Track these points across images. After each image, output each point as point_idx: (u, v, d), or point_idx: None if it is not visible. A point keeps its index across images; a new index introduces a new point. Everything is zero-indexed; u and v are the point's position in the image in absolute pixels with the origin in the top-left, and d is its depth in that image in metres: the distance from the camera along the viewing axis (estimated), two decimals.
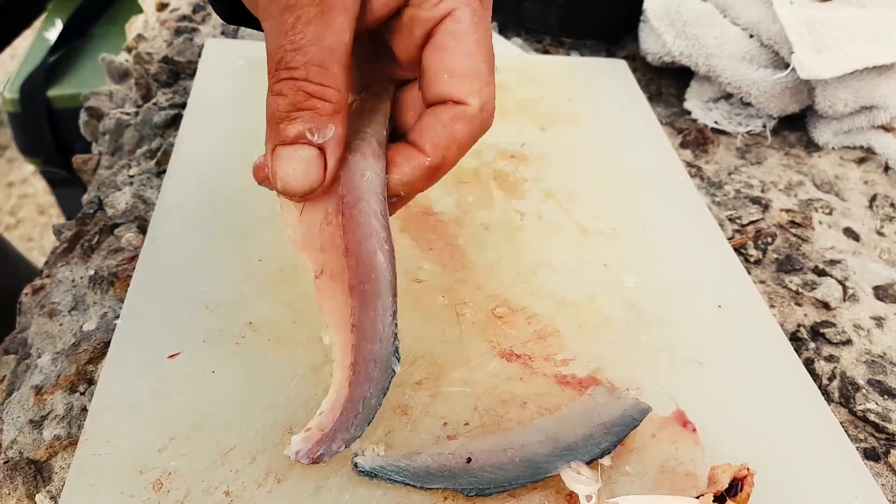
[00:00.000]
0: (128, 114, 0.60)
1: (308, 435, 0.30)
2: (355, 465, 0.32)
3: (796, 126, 0.64)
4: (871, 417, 0.41)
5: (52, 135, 1.36)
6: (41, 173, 1.46)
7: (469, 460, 0.32)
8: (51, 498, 0.35)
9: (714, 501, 0.31)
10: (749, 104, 0.62)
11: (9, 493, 0.35)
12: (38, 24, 1.42)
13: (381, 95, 0.33)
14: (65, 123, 1.34)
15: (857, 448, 0.38)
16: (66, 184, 1.42)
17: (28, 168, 2.09)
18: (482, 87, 0.30)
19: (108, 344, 0.41)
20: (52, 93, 1.30)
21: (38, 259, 1.86)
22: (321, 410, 0.30)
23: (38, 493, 0.35)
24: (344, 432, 0.30)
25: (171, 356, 0.36)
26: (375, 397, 0.30)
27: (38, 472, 0.36)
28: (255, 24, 0.33)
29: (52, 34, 1.38)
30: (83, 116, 0.62)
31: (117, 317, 0.43)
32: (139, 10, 0.79)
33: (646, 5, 0.65)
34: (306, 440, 0.30)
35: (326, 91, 0.28)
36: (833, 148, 0.62)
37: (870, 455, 0.39)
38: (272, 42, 0.28)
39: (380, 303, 0.29)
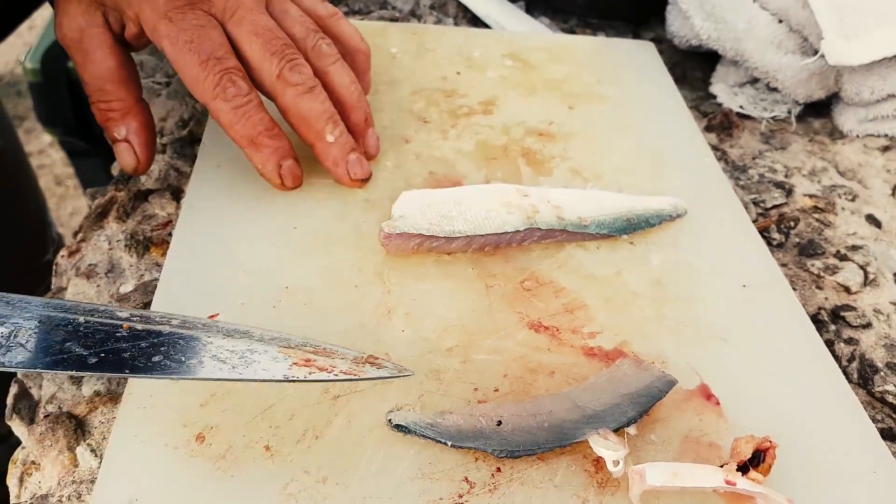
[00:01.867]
0: (159, 83, 0.61)
1: None
2: (389, 420, 0.33)
3: (821, 113, 0.65)
4: (889, 399, 0.42)
5: (72, 106, 1.36)
6: (60, 144, 1.47)
7: (500, 423, 0.33)
8: (91, 451, 0.36)
9: (737, 471, 0.31)
10: (775, 89, 0.63)
11: (51, 445, 0.37)
12: None
13: None
14: (84, 94, 1.35)
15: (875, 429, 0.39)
16: (85, 155, 1.43)
17: (45, 139, 2.10)
18: (204, 82, 0.40)
19: (146, 305, 0.42)
20: (73, 64, 1.30)
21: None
22: None
23: (78, 445, 0.37)
24: None
25: (210, 317, 0.37)
26: None
27: (78, 425, 0.37)
28: None
29: None
30: None
31: (154, 280, 0.44)
32: None
33: None
34: None
35: (112, 104, 0.41)
36: (857, 136, 0.62)
37: (886, 435, 0.40)
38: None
39: None
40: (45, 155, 2.13)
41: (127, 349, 0.30)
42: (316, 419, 0.33)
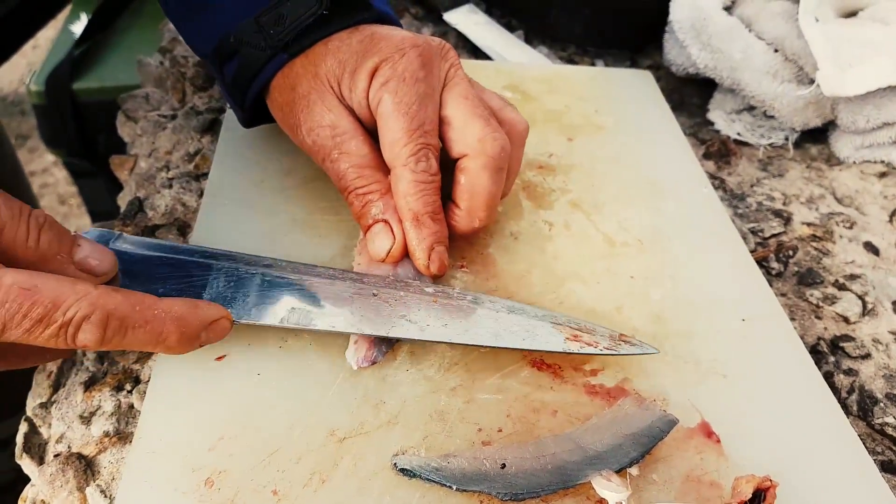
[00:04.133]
0: (164, 116, 0.61)
1: (357, 346, 0.39)
2: (395, 464, 0.33)
3: (818, 139, 0.65)
4: (889, 431, 0.42)
5: (76, 127, 1.38)
6: (65, 165, 1.48)
7: (504, 466, 0.33)
8: (101, 491, 0.37)
9: None
10: (772, 117, 0.63)
11: (61, 486, 0.37)
12: (62, 16, 1.44)
13: None
14: (89, 116, 1.36)
15: (875, 461, 0.39)
16: (89, 175, 1.44)
17: (49, 158, 2.12)
18: (401, 149, 0.40)
19: None
20: (77, 86, 1.32)
21: None
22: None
23: (87, 486, 0.37)
24: (387, 339, 0.39)
25: (217, 358, 0.37)
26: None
27: (87, 466, 0.38)
28: (272, 122, 0.47)
29: (78, 27, 1.40)
30: (120, 118, 0.64)
31: None
32: None
33: (671, 17, 0.66)
34: (358, 350, 0.38)
35: (370, 187, 0.42)
36: (854, 162, 0.63)
37: (887, 468, 0.41)
38: (331, 177, 0.43)
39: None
40: (49, 174, 2.14)
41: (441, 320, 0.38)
42: (322, 462, 0.33)
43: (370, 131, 0.42)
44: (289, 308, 0.38)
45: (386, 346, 0.39)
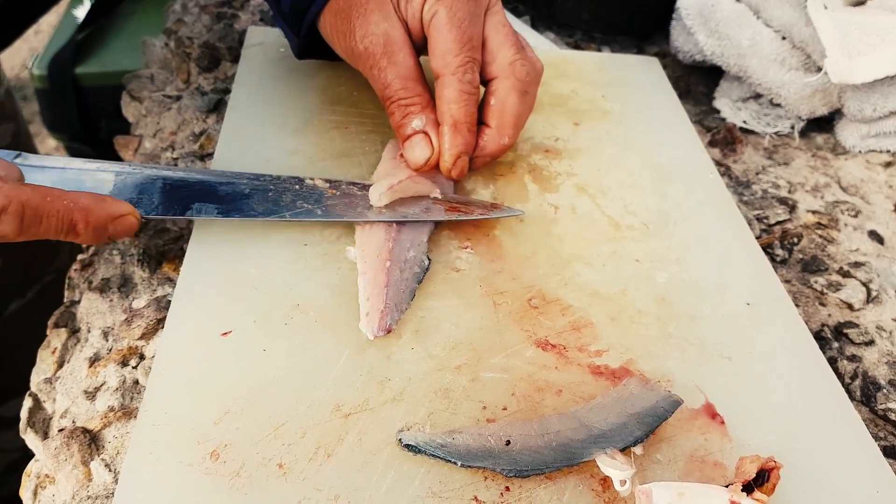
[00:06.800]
0: (169, 97, 0.61)
1: (370, 318, 0.39)
2: (400, 440, 0.34)
3: (824, 128, 0.65)
4: (892, 416, 0.42)
5: (78, 112, 1.37)
6: (66, 149, 1.48)
7: (508, 443, 0.33)
8: (105, 465, 0.37)
9: (742, 490, 0.32)
10: (778, 105, 0.63)
11: (66, 460, 0.37)
12: (65, 1, 1.43)
13: None
14: (91, 100, 1.36)
15: (878, 446, 0.39)
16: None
17: (51, 142, 2.11)
18: (452, 59, 0.43)
19: (159, 321, 0.42)
20: (80, 70, 1.31)
21: None
22: (367, 297, 0.40)
23: (92, 460, 0.37)
24: (396, 307, 0.40)
25: (223, 334, 0.37)
26: (413, 279, 0.41)
27: (92, 440, 0.38)
28: (324, 57, 0.52)
29: (81, 12, 1.39)
30: (125, 98, 0.63)
31: (166, 295, 0.44)
32: None
33: (679, 4, 0.66)
34: (371, 321, 0.39)
35: (413, 99, 0.44)
36: (860, 151, 0.63)
37: (889, 453, 0.41)
38: (375, 85, 0.46)
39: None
40: None
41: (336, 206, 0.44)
42: (327, 437, 0.33)
43: (417, 48, 0.45)
44: (192, 204, 0.41)
45: (398, 312, 0.40)
